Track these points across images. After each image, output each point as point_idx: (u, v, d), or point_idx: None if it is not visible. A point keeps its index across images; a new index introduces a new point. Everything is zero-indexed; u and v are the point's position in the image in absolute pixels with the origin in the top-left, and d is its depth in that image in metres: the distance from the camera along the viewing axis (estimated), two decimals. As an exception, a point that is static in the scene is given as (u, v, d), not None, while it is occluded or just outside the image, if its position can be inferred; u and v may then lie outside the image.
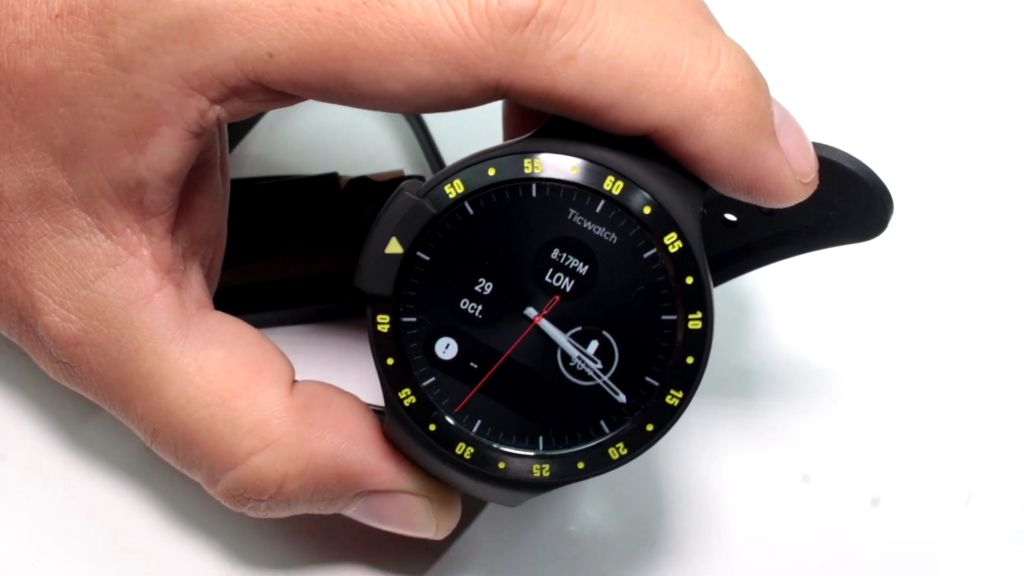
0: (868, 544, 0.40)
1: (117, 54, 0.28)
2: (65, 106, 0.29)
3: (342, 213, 0.42)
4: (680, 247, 0.29)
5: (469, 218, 0.30)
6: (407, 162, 0.47)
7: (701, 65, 0.28)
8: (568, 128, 0.29)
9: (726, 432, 0.41)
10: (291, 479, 0.31)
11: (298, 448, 0.31)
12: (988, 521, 0.40)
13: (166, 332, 0.31)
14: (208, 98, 0.29)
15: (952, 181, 0.48)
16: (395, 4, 0.28)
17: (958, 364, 0.44)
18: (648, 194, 0.29)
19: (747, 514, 0.40)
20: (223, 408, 0.31)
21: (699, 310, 0.30)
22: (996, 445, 0.42)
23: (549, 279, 0.30)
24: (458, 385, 0.31)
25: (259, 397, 0.31)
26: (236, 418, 0.31)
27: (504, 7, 0.28)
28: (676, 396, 0.30)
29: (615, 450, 0.31)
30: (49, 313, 0.31)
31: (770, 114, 0.29)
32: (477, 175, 0.29)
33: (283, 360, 0.32)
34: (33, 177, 0.30)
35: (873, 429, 0.42)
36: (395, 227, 0.30)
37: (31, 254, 0.31)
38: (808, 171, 0.30)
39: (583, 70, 0.28)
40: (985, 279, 0.46)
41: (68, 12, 0.29)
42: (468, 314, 0.30)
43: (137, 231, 0.30)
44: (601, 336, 0.30)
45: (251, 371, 0.31)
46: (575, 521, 0.39)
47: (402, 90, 0.28)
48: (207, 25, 0.28)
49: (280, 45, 0.28)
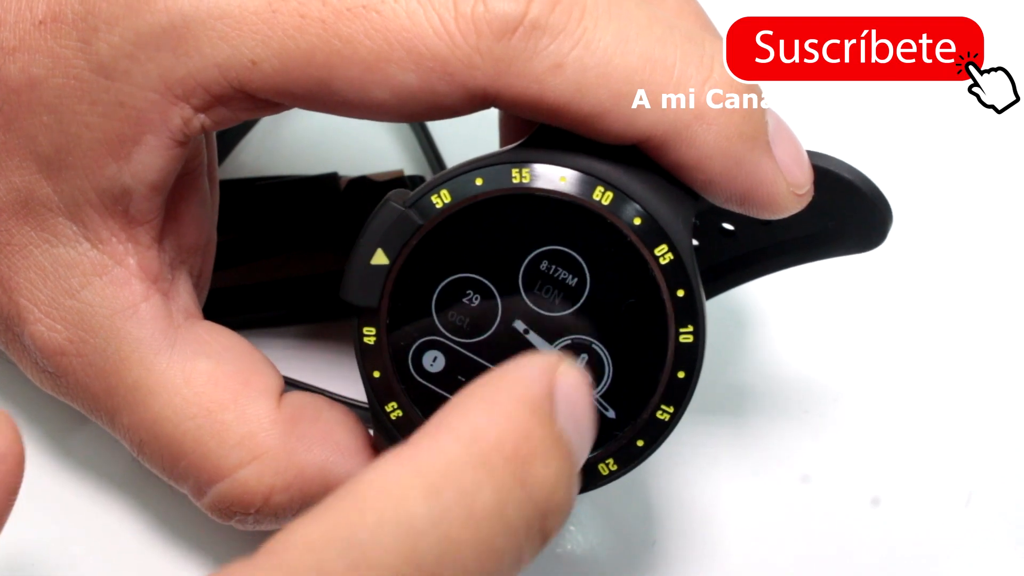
0: (868, 544, 0.40)
1: (101, 62, 0.28)
2: (49, 114, 0.29)
3: (342, 213, 0.42)
4: (671, 259, 0.29)
5: (456, 229, 0.29)
6: (407, 162, 0.47)
7: (693, 73, 0.28)
8: (558, 137, 0.29)
9: (725, 432, 0.41)
10: (278, 492, 0.31)
11: (286, 461, 0.31)
12: (988, 521, 0.40)
13: (152, 342, 0.30)
14: (192, 106, 0.29)
15: (950, 190, 0.48)
16: (380, 11, 0.27)
17: (958, 365, 0.43)
18: (638, 205, 0.29)
19: (747, 514, 0.40)
20: (210, 420, 0.30)
21: (690, 324, 0.29)
22: (996, 445, 0.42)
23: (538, 291, 0.30)
24: (445, 398, 0.30)
25: (247, 409, 0.31)
26: (223, 431, 0.30)
27: (491, 14, 0.27)
28: (667, 411, 0.30)
29: (605, 466, 0.30)
30: (35, 323, 0.31)
31: (764, 123, 0.29)
32: (464, 185, 0.29)
33: (272, 371, 0.32)
34: (18, 185, 0.30)
35: (873, 429, 0.42)
36: (381, 238, 0.29)
37: (17, 263, 0.30)
38: (803, 182, 0.29)
39: (571, 79, 0.27)
40: (983, 283, 0.45)
41: (52, 19, 0.29)
42: (456, 326, 0.30)
43: (123, 240, 0.30)
44: (590, 349, 0.30)
45: (239, 383, 0.31)
46: (570, 534, 0.39)
47: (387, 98, 0.28)
48: (190, 32, 0.28)
49: (263, 52, 0.28)
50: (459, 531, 0.21)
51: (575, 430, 0.23)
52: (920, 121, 0.49)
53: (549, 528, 0.22)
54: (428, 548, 0.21)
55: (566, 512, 0.23)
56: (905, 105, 0.49)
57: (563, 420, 0.23)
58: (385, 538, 0.20)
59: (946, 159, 0.48)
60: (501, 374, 0.23)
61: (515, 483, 0.22)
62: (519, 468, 0.22)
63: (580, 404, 0.23)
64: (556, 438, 0.22)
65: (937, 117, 0.48)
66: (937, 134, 0.48)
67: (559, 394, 0.23)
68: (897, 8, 0.33)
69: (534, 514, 0.22)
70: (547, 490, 0.22)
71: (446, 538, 0.21)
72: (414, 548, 0.20)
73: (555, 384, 0.23)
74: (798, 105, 0.36)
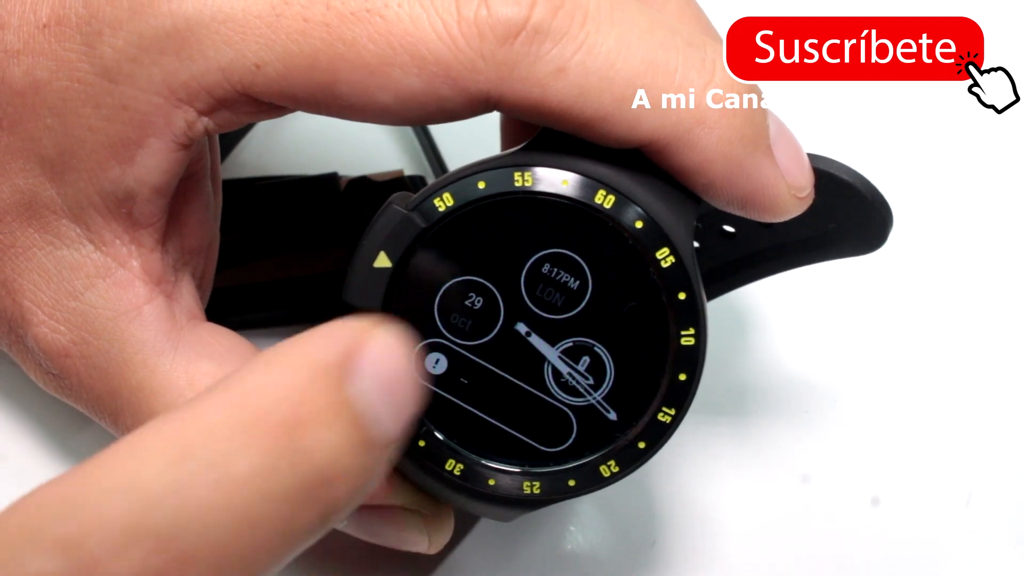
0: (868, 544, 0.40)
1: (104, 65, 0.28)
2: (53, 117, 0.29)
3: (342, 213, 0.42)
4: (672, 262, 0.29)
5: (459, 232, 0.29)
6: (407, 162, 0.47)
7: (695, 77, 0.28)
8: (560, 140, 0.29)
9: (726, 432, 0.41)
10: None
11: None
12: (988, 521, 0.40)
13: (156, 344, 0.30)
14: (196, 109, 0.29)
15: (950, 191, 0.48)
16: (383, 16, 0.27)
17: (958, 365, 0.43)
18: (640, 208, 0.29)
19: (747, 514, 0.40)
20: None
21: (692, 326, 0.29)
22: (996, 445, 0.42)
23: (540, 294, 0.30)
24: (448, 401, 0.30)
25: None
26: None
27: (494, 19, 0.27)
28: (668, 413, 0.30)
29: (606, 468, 0.30)
30: (39, 324, 0.31)
31: (765, 127, 0.29)
32: (467, 188, 0.29)
33: (273, 373, 0.32)
34: (21, 188, 0.30)
35: (873, 429, 0.42)
36: (383, 241, 0.29)
37: (20, 265, 0.31)
38: (804, 185, 0.29)
39: (574, 83, 0.27)
40: (983, 284, 0.45)
41: (56, 22, 0.29)
42: (458, 329, 0.30)
43: (127, 242, 0.30)
44: (592, 352, 0.30)
45: None
46: (570, 534, 0.39)
47: (391, 102, 0.28)
48: (194, 36, 0.28)
49: (267, 56, 0.28)
50: (205, 498, 0.21)
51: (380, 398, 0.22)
52: (920, 121, 0.49)
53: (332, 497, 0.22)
54: (163, 515, 0.20)
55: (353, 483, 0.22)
56: (905, 105, 0.49)
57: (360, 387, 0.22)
58: (112, 502, 0.20)
59: (946, 159, 0.48)
60: (295, 339, 0.23)
61: (282, 450, 0.21)
62: (288, 435, 0.21)
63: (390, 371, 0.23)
64: (340, 405, 0.22)
65: (937, 117, 0.48)
66: (937, 134, 0.48)
67: (364, 359, 0.22)
68: (897, 8, 0.33)
69: (305, 483, 0.21)
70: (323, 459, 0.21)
71: (186, 506, 0.20)
72: (145, 514, 0.20)
73: (359, 349, 0.22)
74: (798, 105, 0.36)
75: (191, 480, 0.20)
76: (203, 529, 0.20)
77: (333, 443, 0.22)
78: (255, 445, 0.21)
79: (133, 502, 0.20)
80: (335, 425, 0.22)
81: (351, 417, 0.22)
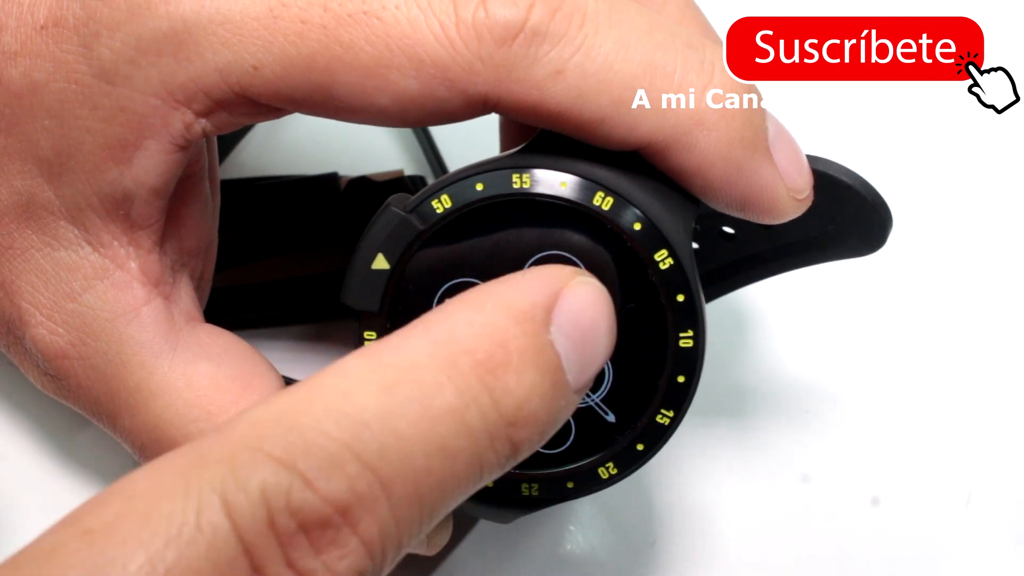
0: (868, 544, 0.40)
1: (102, 66, 0.28)
2: (50, 118, 0.29)
3: (342, 213, 0.42)
4: (671, 264, 0.29)
5: (457, 234, 0.29)
6: (407, 162, 0.47)
7: (694, 79, 0.28)
8: (558, 142, 0.29)
9: (726, 432, 0.41)
10: None
11: None
12: (988, 521, 0.40)
13: (154, 346, 0.30)
14: (193, 111, 0.29)
15: (950, 191, 0.48)
16: (381, 17, 0.27)
17: (957, 366, 0.43)
18: (638, 210, 0.29)
19: (747, 514, 0.40)
20: (211, 423, 0.30)
21: (690, 328, 0.29)
22: (996, 445, 0.42)
23: None
24: None
25: None
26: None
27: (492, 21, 0.27)
28: (667, 415, 0.30)
29: (605, 470, 0.30)
30: (37, 326, 0.31)
31: (764, 129, 0.29)
32: (465, 190, 0.29)
33: (272, 374, 0.32)
34: (19, 189, 0.30)
35: (873, 429, 0.42)
36: (381, 243, 0.29)
37: (19, 266, 0.30)
38: (803, 187, 0.29)
39: (572, 85, 0.27)
40: (983, 285, 0.45)
41: (53, 24, 0.29)
42: None
43: (124, 244, 0.30)
44: None
45: (240, 386, 0.31)
46: (570, 534, 0.39)
47: (388, 104, 0.28)
48: (191, 38, 0.28)
49: (265, 58, 0.28)
50: (409, 428, 0.21)
51: (576, 345, 0.23)
52: (920, 121, 0.49)
53: (519, 439, 0.23)
54: (371, 439, 0.21)
55: (541, 426, 0.23)
56: (905, 105, 0.49)
57: (559, 333, 0.23)
58: (327, 425, 0.21)
59: (946, 160, 0.48)
60: (499, 282, 0.24)
61: (481, 389, 0.22)
62: (487, 374, 0.22)
63: (588, 319, 0.23)
64: (539, 349, 0.23)
65: (937, 117, 0.48)
66: (937, 134, 0.48)
67: (562, 306, 0.23)
68: (897, 8, 0.33)
69: (499, 422, 0.22)
70: (517, 400, 0.22)
71: (392, 432, 0.21)
72: (356, 438, 0.21)
73: (560, 296, 0.23)
74: (798, 105, 0.36)
75: (398, 410, 0.21)
76: (406, 457, 0.21)
77: (529, 385, 0.22)
78: (458, 380, 0.22)
79: (344, 428, 0.21)
80: (534, 367, 0.22)
81: (549, 361, 0.23)
